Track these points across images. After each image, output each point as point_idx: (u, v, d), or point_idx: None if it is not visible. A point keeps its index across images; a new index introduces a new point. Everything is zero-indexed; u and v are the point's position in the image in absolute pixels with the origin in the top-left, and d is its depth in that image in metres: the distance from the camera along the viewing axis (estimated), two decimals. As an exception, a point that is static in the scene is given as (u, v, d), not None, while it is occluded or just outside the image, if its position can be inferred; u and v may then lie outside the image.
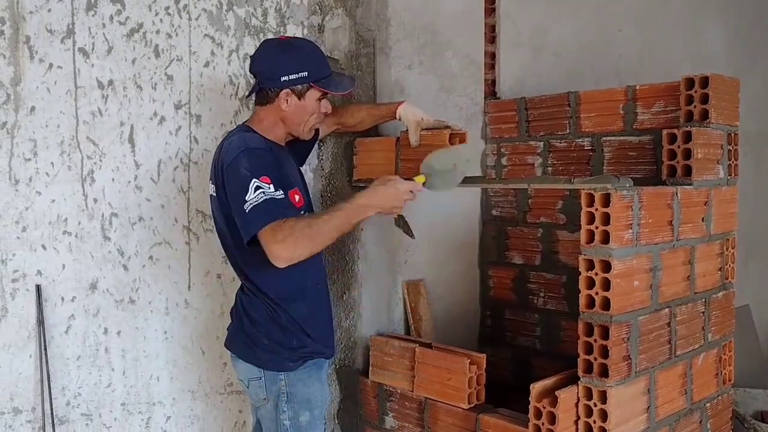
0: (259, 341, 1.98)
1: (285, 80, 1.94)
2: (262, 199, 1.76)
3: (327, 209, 1.97)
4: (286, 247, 1.73)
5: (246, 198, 1.77)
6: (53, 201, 2.22)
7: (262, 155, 1.87)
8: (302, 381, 1.99)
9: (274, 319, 1.97)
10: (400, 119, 2.27)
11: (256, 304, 1.99)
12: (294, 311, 1.98)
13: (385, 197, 1.88)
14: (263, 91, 1.98)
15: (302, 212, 1.99)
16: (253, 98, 2.04)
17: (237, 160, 1.83)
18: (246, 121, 2.08)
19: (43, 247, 2.21)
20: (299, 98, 1.97)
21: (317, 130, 2.19)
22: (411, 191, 1.91)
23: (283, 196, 1.80)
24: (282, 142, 2.06)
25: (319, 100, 2.01)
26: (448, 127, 2.22)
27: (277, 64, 1.94)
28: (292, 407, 1.98)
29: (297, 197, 1.96)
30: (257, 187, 1.77)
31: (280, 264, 1.75)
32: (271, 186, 1.79)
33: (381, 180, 1.91)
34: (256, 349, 1.98)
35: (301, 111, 1.99)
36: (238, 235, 1.85)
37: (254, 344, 1.99)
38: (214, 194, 1.96)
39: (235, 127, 2.16)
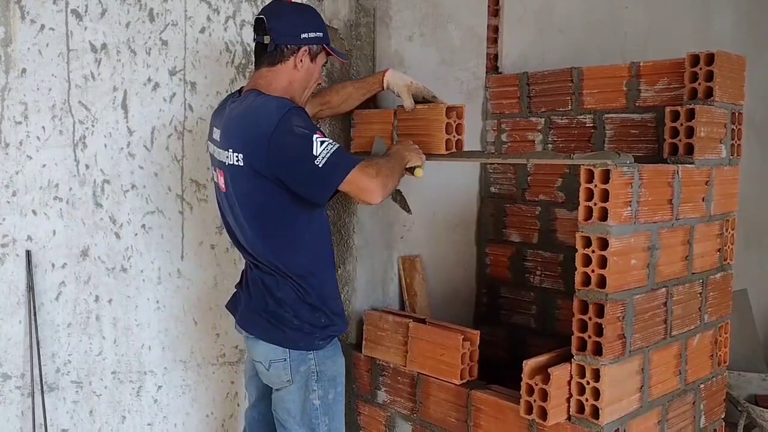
0: (287, 321, 1.92)
1: (305, 37, 1.93)
2: (332, 150, 1.77)
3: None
4: (381, 181, 1.82)
5: (315, 153, 1.75)
6: (44, 166, 2.19)
7: (305, 115, 1.85)
8: (330, 359, 1.97)
9: (302, 298, 1.92)
10: (387, 88, 2.24)
11: (282, 284, 1.92)
12: (320, 288, 1.95)
13: (409, 149, 2.07)
14: (278, 48, 1.92)
15: None
16: (253, 65, 2.00)
17: (285, 122, 1.77)
18: (249, 86, 1.96)
19: (34, 212, 2.18)
20: (312, 60, 1.97)
21: None
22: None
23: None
24: None
25: (322, 66, 2.02)
26: (435, 97, 2.21)
27: (297, 21, 1.93)
28: (322, 386, 1.95)
29: None
30: (321, 141, 1.76)
31: (376, 199, 1.82)
32: (327, 138, 1.79)
33: (398, 143, 2.14)
34: (285, 329, 1.92)
35: (309, 75, 1.98)
36: (263, 209, 1.83)
37: (282, 324, 1.92)
38: (240, 163, 1.82)
39: (233, 92, 2.06)
